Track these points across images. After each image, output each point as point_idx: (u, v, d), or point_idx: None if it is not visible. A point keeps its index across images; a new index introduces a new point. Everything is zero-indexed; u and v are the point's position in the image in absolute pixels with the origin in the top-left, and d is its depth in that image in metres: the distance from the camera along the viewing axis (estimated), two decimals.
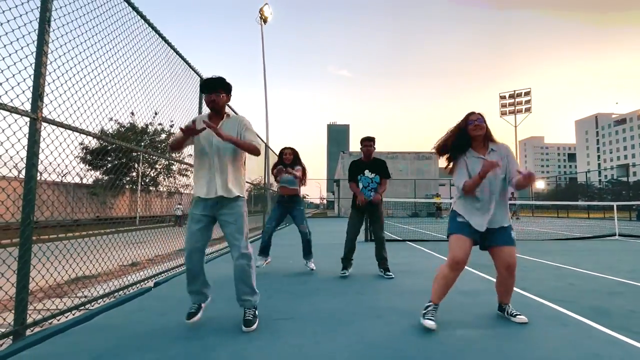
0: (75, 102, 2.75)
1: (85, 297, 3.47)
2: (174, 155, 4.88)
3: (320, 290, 3.66)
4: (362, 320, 2.68)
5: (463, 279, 4.14)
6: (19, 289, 2.26)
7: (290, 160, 4.66)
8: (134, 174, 22.81)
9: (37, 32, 2.32)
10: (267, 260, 4.53)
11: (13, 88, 2.16)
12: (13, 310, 2.29)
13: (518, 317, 2.63)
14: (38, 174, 2.35)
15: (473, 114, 2.64)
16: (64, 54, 2.60)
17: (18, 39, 2.18)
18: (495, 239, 2.60)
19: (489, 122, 2.69)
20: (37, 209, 2.38)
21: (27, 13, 2.23)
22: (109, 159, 21.14)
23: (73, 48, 2.68)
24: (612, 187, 43.83)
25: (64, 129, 2.61)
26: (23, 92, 2.23)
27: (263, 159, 11.42)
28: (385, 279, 4.18)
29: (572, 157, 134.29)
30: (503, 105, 48.13)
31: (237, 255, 2.49)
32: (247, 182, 2.76)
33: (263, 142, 11.20)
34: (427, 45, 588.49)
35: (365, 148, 4.35)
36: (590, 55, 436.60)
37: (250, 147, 2.47)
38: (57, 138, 2.56)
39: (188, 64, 4.83)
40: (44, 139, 2.40)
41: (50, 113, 2.46)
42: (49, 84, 2.43)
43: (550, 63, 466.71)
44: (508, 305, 2.74)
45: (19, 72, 2.21)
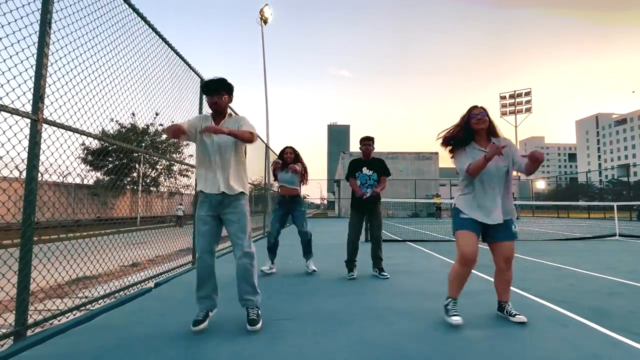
0: (76, 103, 2.76)
1: (86, 297, 3.48)
2: (175, 156, 4.89)
3: (320, 291, 3.66)
4: (362, 321, 2.69)
5: None
6: (20, 290, 2.27)
7: (291, 160, 4.67)
8: (135, 175, 22.84)
9: (38, 34, 2.33)
10: (272, 269, 4.55)
11: (14, 90, 2.17)
12: (14, 311, 2.30)
13: (517, 316, 2.63)
14: (39, 175, 2.36)
15: (476, 108, 2.66)
16: (65, 56, 2.61)
17: (19, 41, 2.19)
18: (497, 235, 2.62)
19: (492, 117, 2.72)
20: (38, 210, 2.39)
21: (28, 15, 2.24)
22: (110, 160, 21.16)
23: (74, 50, 2.69)
24: (612, 187, 43.80)
25: (65, 130, 2.62)
26: (24, 93, 2.25)
27: (263, 160, 11.43)
28: (385, 279, 4.19)
29: (572, 157, 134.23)
30: (503, 106, 48.04)
31: (240, 254, 2.51)
32: (248, 182, 2.76)
33: (263, 142, 11.21)
34: (427, 45, 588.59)
35: (365, 147, 4.39)
36: (591, 55, 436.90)
37: (245, 134, 2.47)
38: (57, 139, 2.57)
39: (188, 65, 4.85)
40: (45, 140, 2.41)
41: (51, 114, 2.47)
42: (50, 86, 2.44)
43: (551, 63, 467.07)
44: (507, 304, 2.74)
45: (20, 73, 2.22)
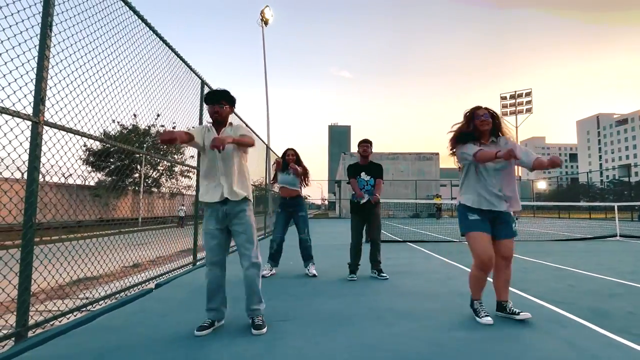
0: (77, 105, 2.77)
1: (87, 298, 3.49)
2: (176, 157, 4.90)
3: (320, 292, 3.67)
4: (361, 322, 2.69)
5: (460, 280, 4.16)
6: (21, 291, 2.28)
7: (293, 161, 4.70)
8: (137, 176, 22.88)
9: (39, 36, 2.34)
10: (272, 272, 4.56)
11: (15, 92, 2.19)
12: (15, 312, 2.31)
13: (522, 314, 2.65)
14: (41, 176, 2.38)
15: (480, 109, 2.73)
16: (66, 58, 2.62)
17: (20, 44, 2.21)
18: (498, 232, 2.67)
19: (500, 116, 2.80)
20: (39, 211, 2.40)
21: (29, 18, 2.26)
22: (112, 161, 21.20)
23: (75, 52, 2.71)
24: (613, 187, 43.69)
25: (66, 132, 2.63)
26: (25, 96, 2.26)
27: (264, 160, 11.44)
28: (385, 280, 4.20)
29: (573, 157, 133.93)
30: (504, 106, 48.01)
31: (247, 265, 2.54)
32: (250, 184, 2.78)
33: (264, 142, 11.22)
34: (427, 45, 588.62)
35: (363, 149, 4.47)
36: (591, 55, 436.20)
37: (244, 140, 2.53)
38: (58, 141, 2.58)
39: (188, 66, 4.86)
40: (46, 142, 2.42)
41: (52, 117, 2.49)
42: (51, 88, 2.46)
43: (551, 63, 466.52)
44: (508, 302, 2.75)
45: (21, 76, 2.23)
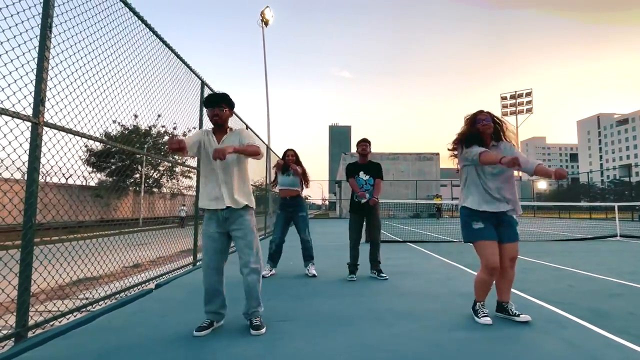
0: (77, 106, 2.78)
1: (87, 299, 3.50)
2: (177, 158, 4.91)
3: (320, 292, 3.67)
4: (361, 322, 2.69)
5: (460, 280, 4.16)
6: (21, 292, 2.29)
7: (293, 162, 4.70)
8: (138, 176, 22.91)
9: (38, 37, 2.35)
10: (271, 272, 4.56)
11: (15, 93, 2.19)
12: (15, 313, 2.32)
13: (522, 316, 2.66)
14: (43, 177, 2.38)
15: (482, 113, 2.75)
16: (66, 59, 2.63)
17: (20, 45, 2.21)
18: (503, 236, 2.68)
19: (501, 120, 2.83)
20: (39, 212, 2.41)
21: (28, 19, 2.26)
22: (113, 161, 21.25)
23: (75, 53, 2.71)
24: (614, 187, 43.61)
25: (66, 133, 2.64)
26: (25, 97, 2.27)
27: (264, 161, 11.44)
28: (385, 280, 4.20)
29: (574, 157, 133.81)
30: (504, 106, 48.04)
31: (247, 271, 2.53)
32: (250, 184, 2.78)
33: (264, 143, 11.23)
34: (427, 45, 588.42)
35: (361, 148, 4.51)
36: (591, 55, 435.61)
37: (252, 149, 2.48)
38: (58, 142, 2.59)
39: (189, 67, 4.87)
40: (46, 143, 2.43)
41: (52, 117, 2.49)
42: (51, 89, 2.46)
43: (551, 63, 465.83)
44: (510, 304, 2.76)
45: (21, 77, 2.24)
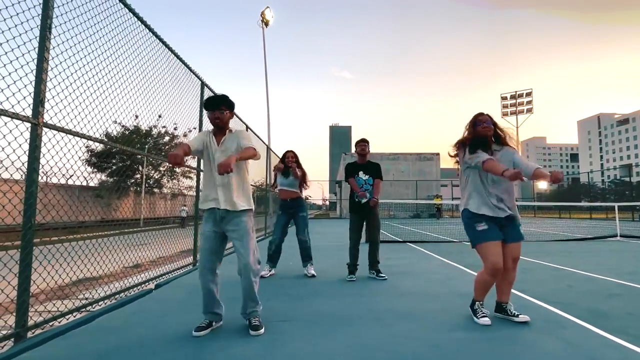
0: (77, 107, 2.79)
1: (86, 299, 3.50)
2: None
3: (319, 293, 3.67)
4: (361, 323, 2.70)
5: (460, 281, 4.16)
6: (20, 292, 2.29)
7: (293, 162, 4.70)
8: (138, 176, 22.94)
9: (38, 39, 2.35)
10: (271, 272, 4.56)
11: (14, 94, 2.20)
12: (14, 313, 2.33)
13: (521, 316, 2.66)
14: (44, 177, 2.39)
15: (482, 115, 2.76)
16: (65, 60, 2.63)
17: (19, 46, 2.22)
18: (508, 236, 2.71)
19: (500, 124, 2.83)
20: (38, 212, 2.41)
21: (28, 20, 2.27)
22: (114, 162, 21.27)
23: (74, 54, 2.72)
24: (615, 187, 43.57)
25: (65, 134, 2.64)
26: (24, 98, 2.27)
27: (264, 161, 11.44)
28: (384, 281, 4.20)
29: (574, 157, 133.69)
30: (505, 106, 48.05)
31: (244, 273, 2.54)
32: (250, 184, 2.79)
33: (264, 143, 11.24)
34: (427, 45, 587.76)
35: (360, 148, 4.53)
36: (591, 55, 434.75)
37: (249, 153, 2.51)
38: (57, 143, 2.59)
39: (189, 68, 4.87)
40: (45, 144, 2.44)
41: (52, 118, 2.50)
42: (50, 90, 2.47)
43: (552, 63, 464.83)
44: (509, 304, 2.76)
45: (20, 78, 2.24)
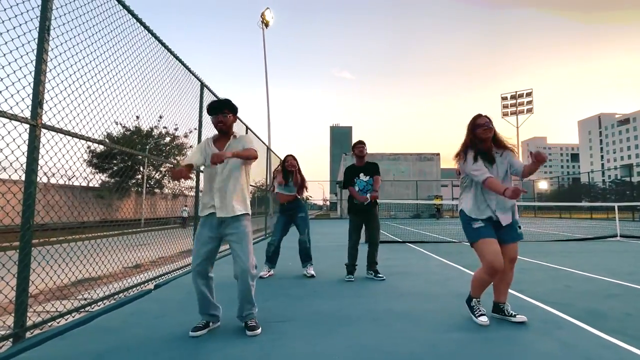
0: (75, 108, 2.79)
1: (85, 299, 3.51)
2: (178, 159, 4.91)
3: (318, 293, 3.68)
4: (360, 323, 2.70)
5: (459, 281, 4.16)
6: (19, 292, 2.30)
7: (293, 166, 4.70)
8: (139, 177, 22.96)
9: (36, 40, 2.36)
10: (270, 273, 4.57)
11: (13, 95, 2.21)
12: (13, 313, 2.33)
13: (518, 316, 2.67)
14: (44, 178, 2.40)
15: (481, 117, 2.72)
16: (64, 62, 2.64)
17: (18, 48, 2.23)
18: (504, 236, 2.68)
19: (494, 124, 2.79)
20: (37, 213, 2.42)
21: (26, 22, 2.28)
22: (115, 162, 21.29)
23: (73, 56, 2.73)
24: (615, 187, 43.51)
25: (64, 135, 2.65)
26: (22, 99, 2.28)
27: (265, 161, 11.46)
28: (383, 281, 4.21)
29: (575, 157, 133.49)
30: (505, 106, 48.05)
31: (241, 275, 2.54)
32: (250, 184, 2.80)
33: (265, 144, 11.26)
34: (427, 45, 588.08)
35: (359, 150, 4.52)
36: (591, 55, 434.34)
37: (247, 153, 2.54)
38: (56, 144, 2.60)
39: (188, 69, 4.88)
40: (44, 145, 2.44)
41: (50, 120, 2.51)
42: (49, 91, 2.48)
43: (552, 63, 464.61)
44: (506, 304, 2.76)
45: (19, 79, 2.25)
